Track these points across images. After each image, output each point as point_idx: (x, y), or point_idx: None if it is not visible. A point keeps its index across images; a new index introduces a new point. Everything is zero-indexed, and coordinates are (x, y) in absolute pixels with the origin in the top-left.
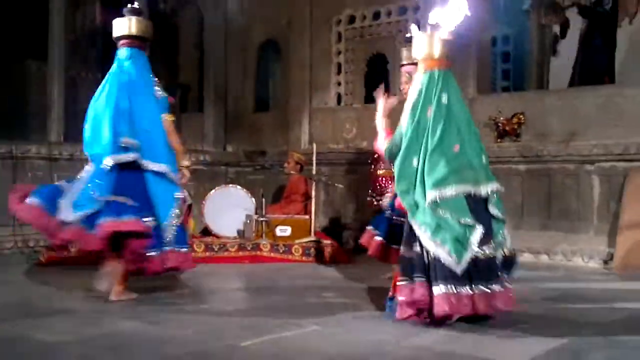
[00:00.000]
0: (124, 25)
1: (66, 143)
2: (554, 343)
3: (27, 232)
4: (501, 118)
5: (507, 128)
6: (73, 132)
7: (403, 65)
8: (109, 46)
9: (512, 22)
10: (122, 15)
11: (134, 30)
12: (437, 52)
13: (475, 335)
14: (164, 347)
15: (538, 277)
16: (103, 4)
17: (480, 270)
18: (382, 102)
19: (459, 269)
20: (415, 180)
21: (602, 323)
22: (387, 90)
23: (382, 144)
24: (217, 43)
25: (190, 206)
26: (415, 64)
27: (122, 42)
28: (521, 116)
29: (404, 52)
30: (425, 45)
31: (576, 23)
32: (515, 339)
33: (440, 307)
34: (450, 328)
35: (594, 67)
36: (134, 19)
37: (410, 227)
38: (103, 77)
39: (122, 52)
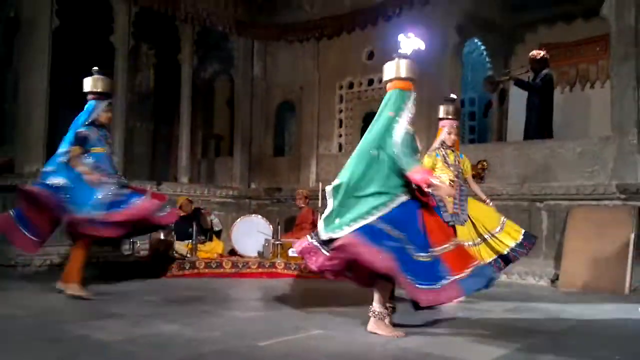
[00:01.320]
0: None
1: (124, 177)
2: (511, 347)
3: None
4: None
5: (473, 172)
6: (130, 170)
7: (442, 119)
8: (159, 102)
9: (477, 88)
10: (174, 80)
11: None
12: (402, 74)
13: (448, 340)
14: (197, 345)
15: (498, 293)
16: (156, 71)
17: None
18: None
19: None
20: None
21: (551, 331)
22: None
23: None
24: (244, 102)
25: (220, 231)
26: (452, 118)
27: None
28: (484, 163)
29: (442, 108)
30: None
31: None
32: (480, 344)
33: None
34: (428, 333)
35: (537, 125)
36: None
37: None
38: (155, 127)
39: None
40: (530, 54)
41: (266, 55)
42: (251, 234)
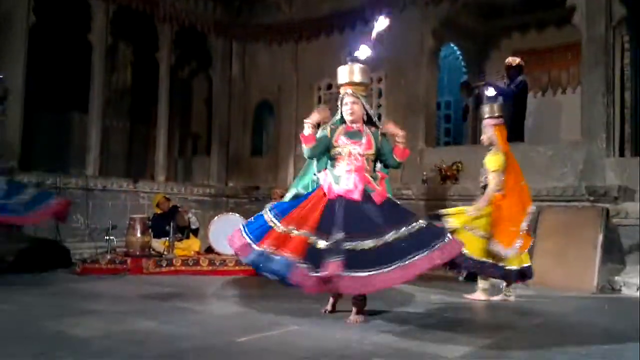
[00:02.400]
0: None
1: (100, 177)
2: (483, 342)
3: (66, 247)
4: (444, 165)
5: (448, 173)
6: (106, 168)
7: (486, 118)
8: (136, 100)
9: (452, 92)
10: (152, 78)
11: None
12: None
13: (421, 336)
14: (175, 342)
15: (472, 291)
16: (133, 69)
17: None
18: (316, 114)
19: None
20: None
21: (521, 327)
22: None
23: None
24: (222, 101)
25: (197, 229)
26: (496, 117)
27: None
28: (459, 164)
29: (486, 108)
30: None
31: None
32: (452, 339)
33: None
34: (401, 329)
35: (510, 129)
36: None
37: None
38: (132, 125)
39: None
40: (506, 61)
41: (245, 55)
42: (228, 231)
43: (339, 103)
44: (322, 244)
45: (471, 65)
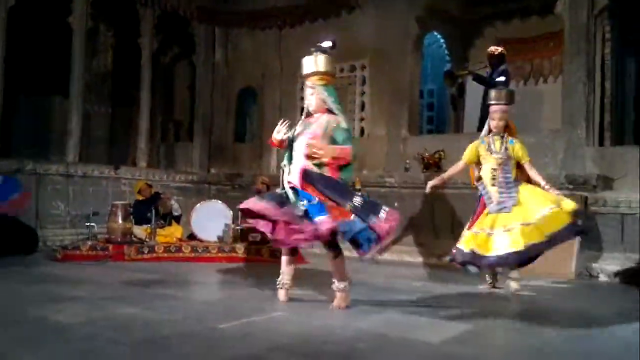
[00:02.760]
0: None
1: (81, 163)
2: (464, 326)
3: (47, 233)
4: (426, 154)
5: (430, 161)
6: (87, 154)
7: (491, 104)
8: (118, 85)
9: (436, 80)
10: (133, 62)
11: None
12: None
13: (404, 321)
14: (157, 328)
15: (452, 277)
16: (115, 53)
17: None
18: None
19: None
20: None
21: (502, 313)
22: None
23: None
24: (205, 88)
25: (179, 216)
26: (501, 103)
27: None
28: (441, 152)
29: (493, 93)
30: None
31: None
32: (435, 325)
33: None
34: (384, 315)
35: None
36: None
37: None
38: (112, 110)
39: None
40: (489, 49)
41: (228, 41)
42: (211, 218)
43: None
44: None
45: (455, 53)
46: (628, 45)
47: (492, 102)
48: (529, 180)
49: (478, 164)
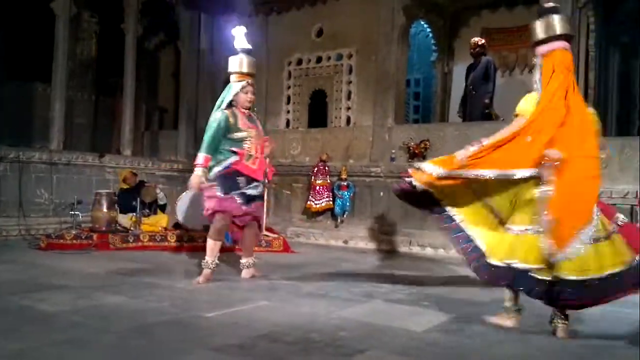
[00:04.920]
0: None
1: (64, 151)
2: (446, 316)
3: (30, 222)
4: (412, 143)
5: (416, 151)
6: (70, 142)
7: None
8: (102, 72)
9: (422, 69)
10: (117, 49)
11: None
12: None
13: (389, 310)
14: (143, 316)
15: (437, 268)
16: (99, 39)
17: None
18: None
19: None
20: None
21: (486, 302)
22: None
23: None
24: (190, 75)
25: (165, 205)
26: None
27: None
28: (427, 142)
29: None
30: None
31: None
32: (418, 314)
33: None
34: (369, 304)
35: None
36: None
37: None
38: (96, 97)
39: None
40: (472, 40)
41: (213, 28)
42: (196, 207)
43: (233, 89)
44: None
45: (441, 43)
46: (612, 37)
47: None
48: None
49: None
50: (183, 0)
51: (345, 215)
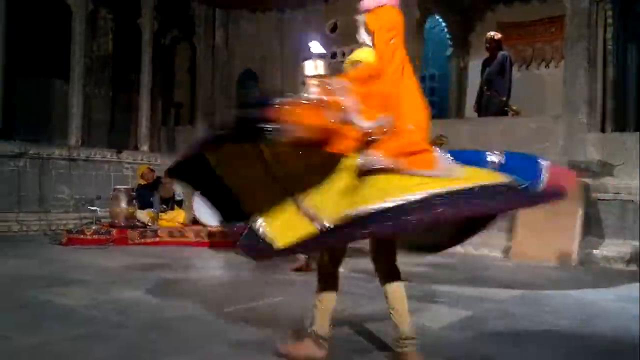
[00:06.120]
0: None
1: (83, 147)
2: (464, 313)
3: (51, 218)
4: None
5: (432, 146)
6: (88, 138)
7: None
8: (118, 68)
9: (438, 64)
10: (133, 45)
11: None
12: None
13: (408, 307)
14: (161, 311)
15: (452, 264)
16: (115, 36)
17: None
18: None
19: None
20: None
21: (501, 299)
22: None
23: None
24: (205, 70)
25: (182, 200)
26: None
27: None
28: (443, 138)
29: None
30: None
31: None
32: (437, 310)
33: None
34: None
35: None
36: None
37: None
38: (113, 93)
39: None
40: (487, 34)
41: (228, 23)
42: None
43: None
44: None
45: (456, 38)
46: (629, 31)
47: None
48: None
49: None
50: None
51: None
